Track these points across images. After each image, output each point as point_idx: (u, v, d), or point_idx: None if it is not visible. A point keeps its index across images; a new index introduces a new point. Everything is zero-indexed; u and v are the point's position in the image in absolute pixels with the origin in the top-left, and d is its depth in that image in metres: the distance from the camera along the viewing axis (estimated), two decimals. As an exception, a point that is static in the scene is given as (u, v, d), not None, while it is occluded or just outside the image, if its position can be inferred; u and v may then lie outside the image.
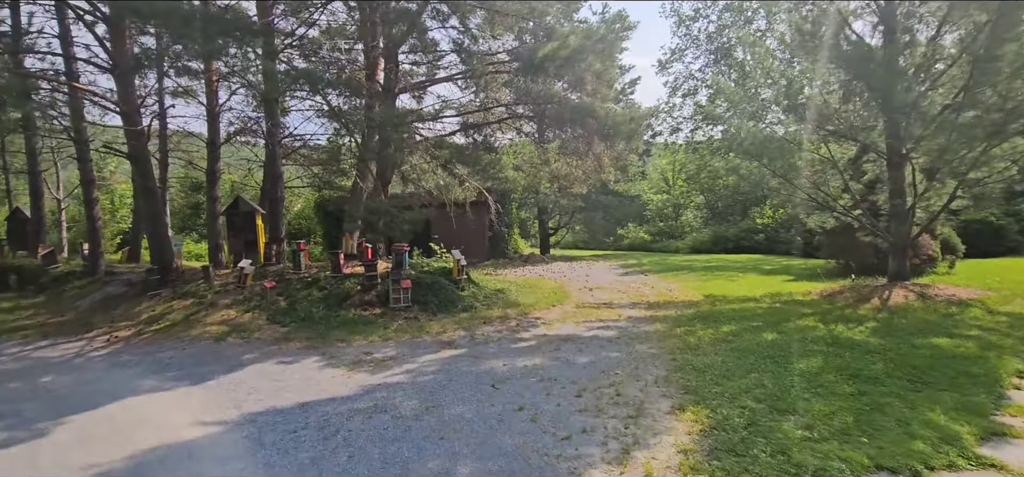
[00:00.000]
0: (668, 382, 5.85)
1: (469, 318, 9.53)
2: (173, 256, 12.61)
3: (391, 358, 7.37)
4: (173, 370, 7.20)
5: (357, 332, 8.74)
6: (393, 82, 11.64)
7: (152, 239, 12.25)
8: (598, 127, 9.79)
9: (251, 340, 8.60)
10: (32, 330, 10.51)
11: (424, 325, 9.08)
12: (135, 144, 11.14)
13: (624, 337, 8.05)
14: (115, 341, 9.12)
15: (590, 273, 16.42)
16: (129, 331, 9.64)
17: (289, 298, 10.44)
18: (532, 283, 13.74)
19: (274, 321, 9.42)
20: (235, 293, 11.06)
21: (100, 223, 14.79)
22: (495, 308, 10.29)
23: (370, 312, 9.65)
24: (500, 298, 10.99)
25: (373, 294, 10.14)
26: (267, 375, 6.79)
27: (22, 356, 8.54)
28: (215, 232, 15.38)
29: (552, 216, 28.01)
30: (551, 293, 12.19)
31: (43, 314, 12.17)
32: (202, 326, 9.35)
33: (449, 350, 7.66)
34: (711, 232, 30.06)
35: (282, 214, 13.96)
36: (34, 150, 16.58)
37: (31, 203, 17.14)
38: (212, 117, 15.30)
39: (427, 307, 9.79)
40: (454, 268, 11.16)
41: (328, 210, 24.73)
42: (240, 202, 13.97)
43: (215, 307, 10.40)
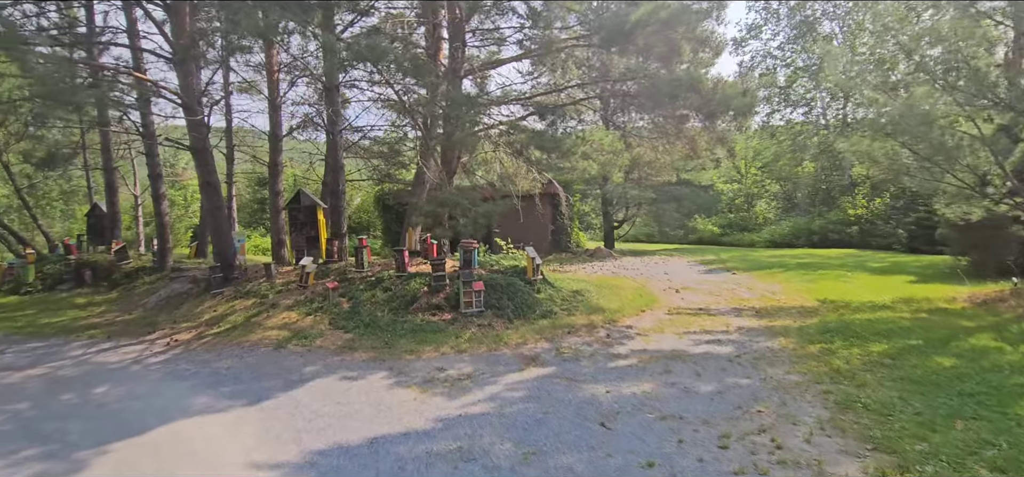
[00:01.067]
0: (839, 428, 4.42)
1: (550, 326, 8.35)
2: (235, 253, 12.18)
3: (467, 377, 6.30)
4: (229, 384, 6.45)
5: (426, 342, 7.76)
6: (459, 63, 10.59)
7: (214, 235, 11.85)
8: (701, 102, 8.33)
9: (313, 348, 7.79)
10: (99, 330, 10.26)
11: (500, 334, 7.98)
12: (196, 136, 10.67)
13: (745, 355, 6.62)
14: (174, 345, 8.59)
15: (668, 270, 14.85)
16: (189, 334, 9.12)
17: (352, 300, 9.64)
18: (609, 282, 12.37)
19: (337, 326, 8.61)
20: (297, 293, 10.40)
21: (168, 218, 14.70)
22: (577, 313, 9.05)
23: (439, 318, 8.66)
24: (580, 301, 9.73)
25: (442, 297, 9.15)
26: (330, 395, 5.88)
27: (83, 360, 8.13)
28: (277, 227, 14.99)
29: (618, 208, 26.36)
30: (635, 295, 10.81)
31: (112, 311, 12.05)
32: (262, 330, 8.68)
33: (535, 368, 6.51)
34: (791, 224, 27.44)
35: (344, 208, 13.31)
36: (109, 146, 16.84)
37: (106, 198, 17.48)
38: (274, 109, 14.88)
39: (502, 312, 8.69)
40: (529, 267, 10.01)
41: (388, 204, 24.24)
42: (302, 196, 13.42)
43: (276, 308, 9.76)
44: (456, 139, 8.56)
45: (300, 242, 13.33)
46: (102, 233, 17.85)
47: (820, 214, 27.81)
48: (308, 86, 18.14)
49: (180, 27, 10.33)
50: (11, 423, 5.56)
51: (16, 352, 8.95)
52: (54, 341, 9.70)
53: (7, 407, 6.07)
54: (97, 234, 18.09)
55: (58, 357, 8.42)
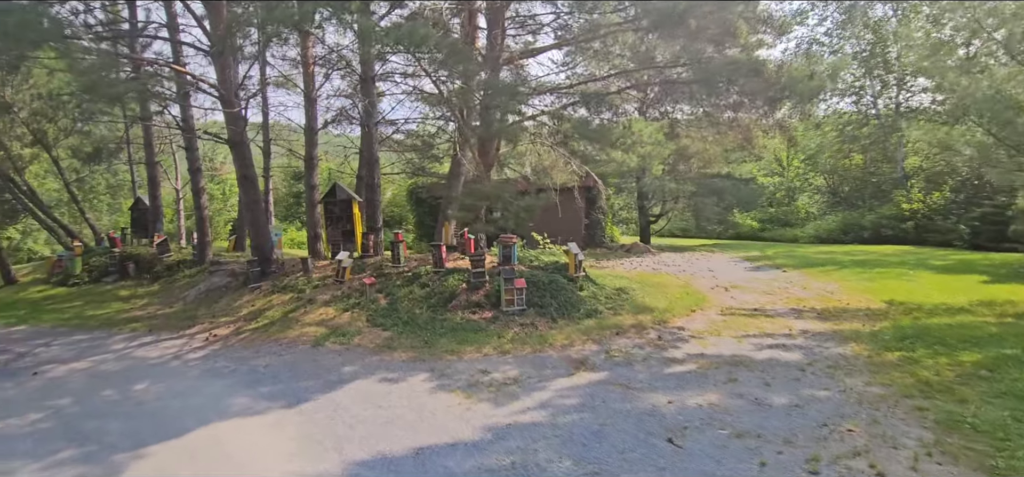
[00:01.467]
0: (949, 454, 3.86)
1: (596, 326, 7.90)
2: (272, 247, 12.13)
3: (513, 380, 5.93)
4: (268, 383, 6.24)
5: (467, 341, 7.42)
6: (498, 51, 10.18)
7: (251, 229, 11.82)
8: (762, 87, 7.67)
9: (351, 346, 7.56)
10: (141, 323, 10.32)
11: (545, 335, 7.58)
12: (234, 129, 10.60)
13: (817, 363, 6.04)
14: (213, 340, 8.50)
15: (713, 267, 14.17)
16: (228, 329, 9.04)
17: (389, 296, 9.39)
18: (652, 280, 11.82)
19: (375, 323, 8.37)
20: (333, 288, 10.23)
21: (207, 212, 14.83)
22: (624, 313, 8.57)
23: (479, 316, 8.32)
24: (626, 300, 9.24)
25: (481, 294, 8.81)
26: (371, 398, 5.59)
27: (125, 354, 8.11)
28: (313, 221, 14.93)
29: (654, 202, 25.55)
30: (683, 294, 10.25)
31: (154, 304, 12.17)
32: (300, 327, 8.50)
33: (585, 372, 6.09)
34: (841, 219, 26.11)
35: (379, 202, 13.12)
36: (151, 140, 17.14)
37: (149, 192, 17.82)
38: (309, 102, 14.79)
39: (545, 311, 8.28)
40: (571, 264, 9.57)
41: (421, 197, 24.10)
42: (337, 189, 13.30)
43: (313, 304, 9.60)
44: (497, 130, 8.17)
45: (336, 236, 13.22)
46: (145, 226, 18.21)
47: (870, 208, 26.39)
48: (343, 79, 18.08)
49: (217, 19, 10.27)
50: (53, 420, 5.46)
51: (62, 344, 9.04)
52: (98, 334, 9.78)
53: (51, 403, 6.01)
54: (140, 227, 18.48)
55: (101, 350, 8.44)
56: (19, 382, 6.93)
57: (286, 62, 17.79)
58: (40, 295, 14.59)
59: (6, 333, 10.30)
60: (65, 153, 20.88)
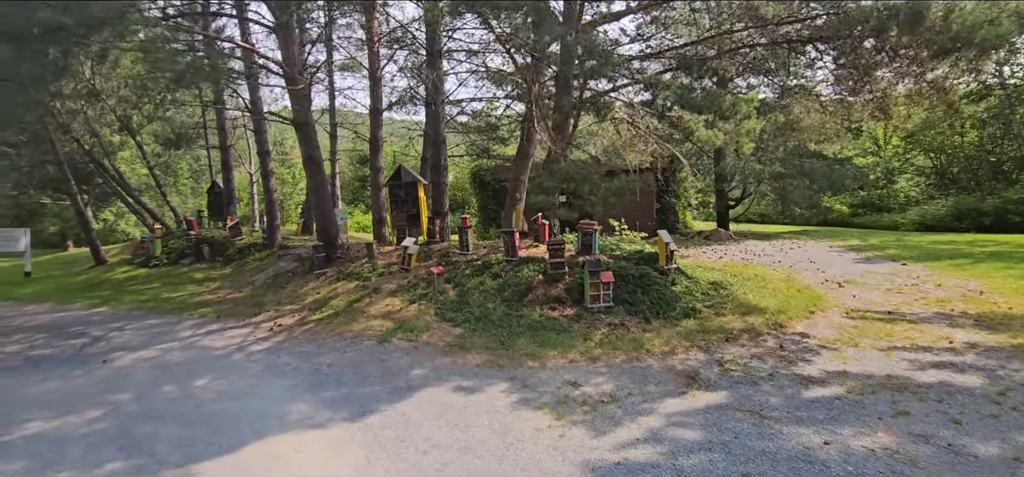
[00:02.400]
0: None
1: (699, 330, 6.74)
2: (338, 231, 11.73)
3: (610, 398, 4.94)
4: (330, 387, 5.61)
5: (549, 343, 6.50)
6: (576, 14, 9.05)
7: (317, 212, 11.45)
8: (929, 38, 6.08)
9: (419, 344, 6.83)
10: (210, 308, 10.17)
11: (639, 338, 6.52)
12: (298, 109, 10.16)
13: (1013, 392, 4.64)
14: (277, 330, 8.08)
15: (813, 258, 12.44)
16: (292, 319, 8.61)
17: (458, 286, 8.63)
18: (747, 272, 10.39)
19: (444, 318, 7.62)
20: (399, 276, 9.62)
21: (276, 195, 14.77)
22: (728, 313, 7.33)
23: (560, 313, 7.36)
24: (726, 297, 7.97)
25: (561, 288, 7.85)
26: (445, 413, 4.79)
27: (191, 343, 7.83)
28: (378, 205, 14.51)
29: (734, 185, 23.50)
30: (791, 290, 8.82)
31: (224, 288, 12.13)
32: (365, 319, 7.90)
33: (700, 391, 5.00)
34: (952, 203, 22.99)
35: (445, 185, 12.43)
36: (223, 124, 17.40)
37: (223, 176, 18.17)
38: (374, 82, 14.28)
39: (635, 309, 7.21)
40: (661, 254, 8.41)
41: (484, 180, 23.38)
42: (403, 172, 12.73)
43: (378, 293, 9.01)
44: (577, 102, 7.11)
45: (401, 220, 12.67)
46: (220, 209, 18.61)
47: (991, 192, 23.04)
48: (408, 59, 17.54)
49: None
50: (109, 420, 5.06)
51: (135, 329, 8.96)
52: (170, 318, 9.69)
53: (111, 398, 5.66)
54: (216, 210, 18.90)
55: (169, 337, 8.23)
56: (88, 370, 6.73)
57: (351, 44, 17.50)
58: (123, 276, 15.10)
59: (88, 315, 10.48)
60: (149, 139, 21.80)
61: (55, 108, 16.87)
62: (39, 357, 7.48)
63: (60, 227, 28.52)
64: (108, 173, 19.35)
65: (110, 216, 28.30)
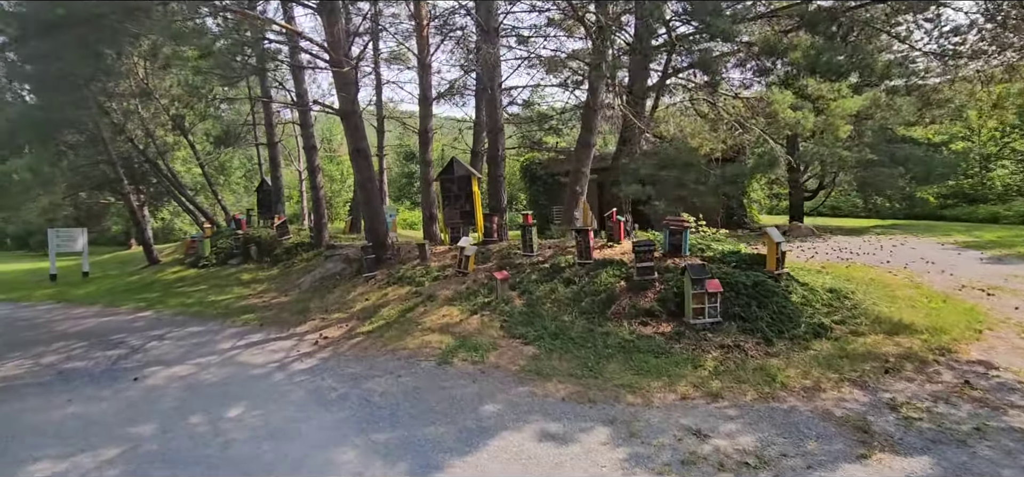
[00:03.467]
0: None
1: (838, 354, 5.29)
2: (387, 230, 10.82)
3: (757, 458, 3.63)
4: (384, 425, 4.54)
5: (649, 370, 5.22)
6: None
7: (365, 210, 10.58)
8: None
9: (486, 367, 5.71)
10: (254, 314, 9.44)
11: (765, 366, 5.15)
12: (344, 96, 9.26)
13: None
14: (323, 344, 7.15)
15: (926, 257, 10.49)
16: (339, 329, 7.68)
17: (525, 294, 7.46)
18: (860, 276, 8.67)
19: (512, 333, 6.47)
20: (456, 281, 8.55)
21: (323, 192, 14.09)
22: (866, 331, 5.81)
23: (654, 330, 6.06)
24: (854, 309, 6.42)
25: (651, 297, 6.53)
26: (532, 472, 3.63)
27: (230, 358, 7.00)
28: (429, 201, 13.54)
29: (809, 175, 21.25)
30: (928, 299, 7.13)
31: (270, 292, 11.45)
32: (420, 333, 6.85)
33: (884, 454, 3.61)
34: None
35: (503, 178, 11.31)
36: (271, 119, 16.96)
37: (271, 173, 17.78)
38: (423, 69, 13.29)
39: (752, 326, 5.82)
40: (770, 255, 6.95)
41: (536, 174, 22.15)
42: (455, 165, 11.68)
43: (434, 301, 7.97)
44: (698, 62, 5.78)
45: (453, 217, 11.63)
46: (269, 207, 18.23)
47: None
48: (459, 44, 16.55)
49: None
50: (121, 464, 4.18)
51: (175, 339, 8.28)
52: (212, 326, 9.00)
53: (133, 430, 4.82)
54: (265, 208, 18.54)
55: (208, 349, 7.46)
56: (117, 390, 5.97)
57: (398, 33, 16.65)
58: (173, 276, 14.81)
59: (131, 320, 9.96)
60: (201, 138, 21.80)
61: (111, 108, 16.86)
62: (72, 371, 6.84)
63: (124, 226, 29.34)
64: (161, 172, 19.35)
65: (167, 215, 28.82)
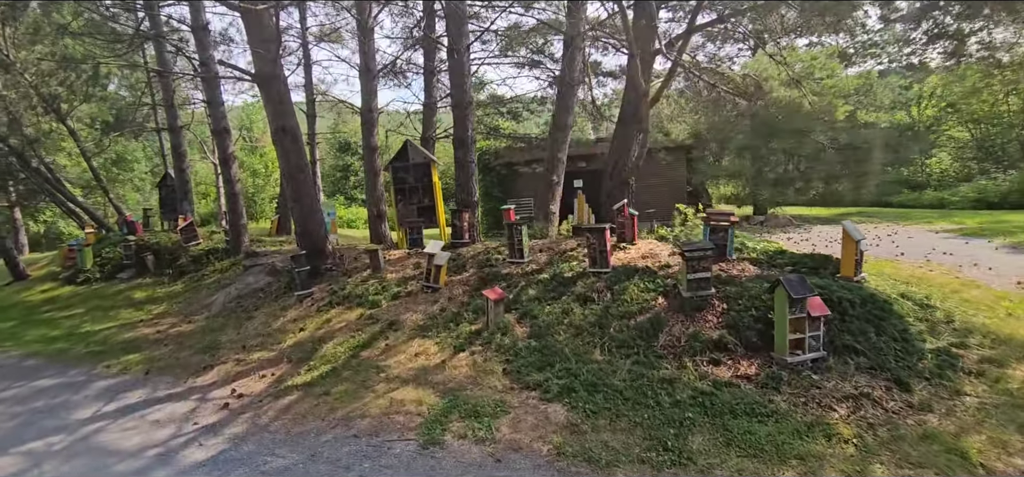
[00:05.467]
0: None
1: (1008, 401, 3.72)
2: (326, 233, 8.44)
3: None
4: None
5: (760, 448, 3.39)
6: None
7: (295, 207, 8.13)
8: None
9: (500, 447, 3.67)
10: (140, 353, 6.83)
11: (928, 430, 3.46)
12: (262, 56, 6.81)
13: None
14: (237, 406, 4.80)
15: (937, 248, 9.53)
16: (263, 380, 5.32)
17: (528, 318, 5.47)
18: (907, 275, 7.40)
19: (522, 380, 4.46)
20: (425, 300, 6.41)
21: (240, 186, 11.33)
22: (1004, 358, 4.32)
23: (733, 370, 4.25)
24: (955, 324, 4.95)
25: (714, 322, 4.72)
26: None
27: (86, 435, 4.53)
28: (375, 195, 11.18)
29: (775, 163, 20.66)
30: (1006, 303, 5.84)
31: (170, 315, 8.75)
32: (386, 386, 4.69)
33: None
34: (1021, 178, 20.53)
35: (473, 165, 9.20)
36: (171, 99, 13.76)
37: (174, 164, 14.59)
38: (365, 34, 10.88)
39: (870, 363, 4.14)
40: (847, 259, 5.36)
41: (488, 165, 20.08)
42: (410, 150, 9.43)
43: (398, 330, 5.80)
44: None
45: (409, 215, 9.41)
46: (175, 206, 15.05)
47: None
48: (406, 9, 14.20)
49: None
50: None
51: (14, 396, 5.62)
52: (75, 375, 6.34)
53: None
54: (169, 207, 15.31)
55: (56, 421, 4.91)
56: None
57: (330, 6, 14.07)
58: (41, 297, 11.53)
59: (-47, 370, 7.03)
60: (84, 125, 17.94)
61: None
62: None
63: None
64: (29, 165, 15.57)
65: (50, 217, 24.15)
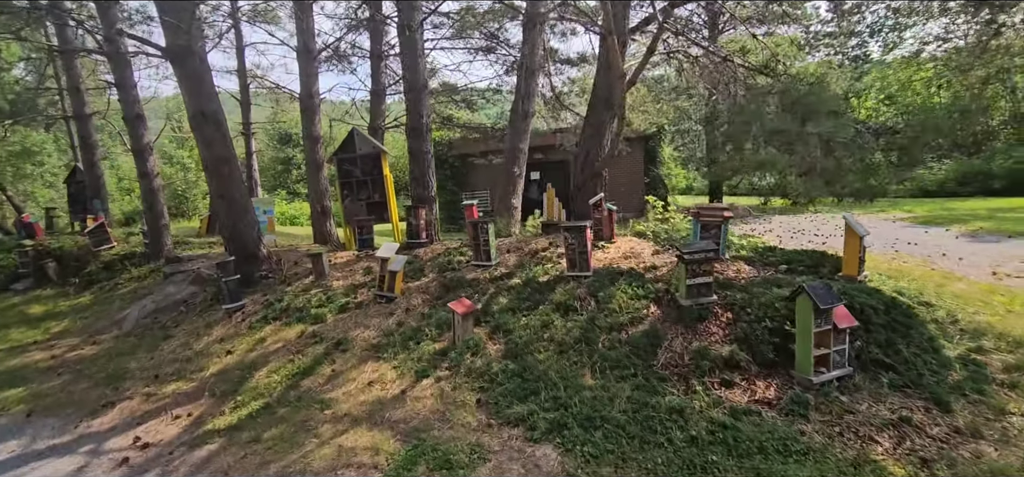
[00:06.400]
0: None
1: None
2: (259, 236, 7.31)
3: None
4: None
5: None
6: None
7: (222, 207, 6.96)
8: None
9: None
10: (25, 388, 5.56)
11: (993, 466, 2.94)
12: (172, 23, 5.64)
13: None
14: (138, 464, 3.75)
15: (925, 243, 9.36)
16: (176, 423, 4.28)
17: (500, 334, 4.69)
18: (889, 269, 7.09)
19: (502, 415, 3.68)
20: (378, 313, 5.51)
21: (159, 181, 9.88)
22: None
23: (749, 394, 3.63)
24: (960, 323, 4.57)
25: (721, 334, 4.10)
26: None
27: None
28: (319, 189, 10.06)
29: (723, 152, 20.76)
30: (998, 298, 5.58)
31: (71, 335, 7.39)
32: (332, 428, 3.78)
33: None
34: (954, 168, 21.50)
35: (430, 156, 8.28)
36: (77, 82, 11.94)
37: (82, 157, 12.78)
38: (304, 9, 9.70)
39: (903, 381, 3.63)
40: (850, 255, 4.88)
41: (442, 157, 19.02)
42: (357, 139, 8.38)
43: (347, 352, 4.89)
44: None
45: (358, 211, 8.39)
46: (85, 205, 13.25)
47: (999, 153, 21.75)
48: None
49: None
50: None
51: None
52: (-69, 422, 5.03)
53: None
54: (80, 206, 13.47)
55: None
56: None
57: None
58: (-89, 316, 9.71)
59: None
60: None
61: None
62: None
63: None
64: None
65: (-62, 218, 21.11)
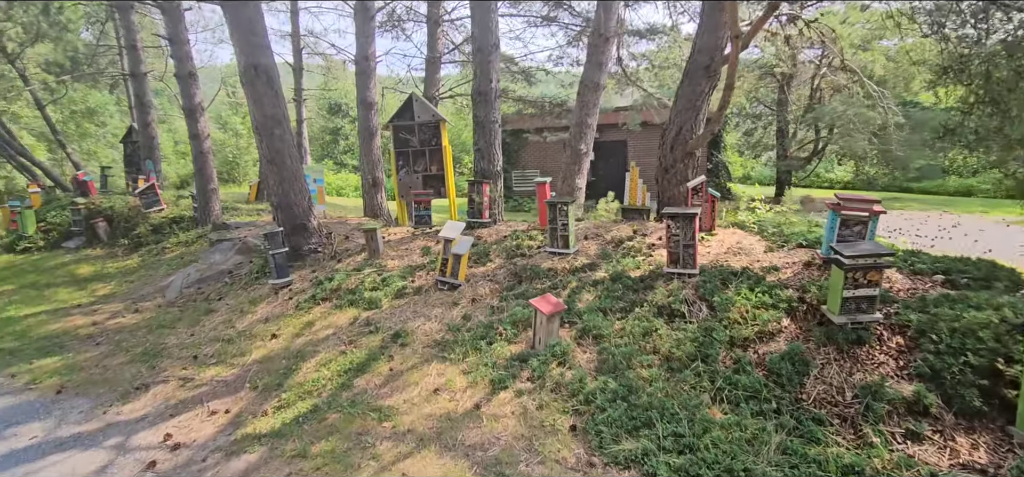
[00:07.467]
0: None
1: None
2: (310, 207, 6.70)
3: None
4: None
5: None
6: None
7: (271, 172, 6.38)
8: None
9: None
10: (61, 357, 5.16)
11: None
12: (225, -40, 4.99)
13: None
14: (165, 470, 3.19)
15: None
16: (211, 420, 3.69)
17: (589, 338, 3.88)
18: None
19: (601, 445, 2.87)
20: (441, 301, 4.79)
21: (209, 143, 9.49)
22: None
23: (945, 451, 2.70)
24: None
25: (894, 362, 3.16)
26: None
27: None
28: (371, 159, 9.44)
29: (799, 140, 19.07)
30: None
31: (115, 299, 7.05)
32: (393, 440, 3.08)
33: None
34: None
35: (498, 126, 7.49)
36: (134, 39, 11.72)
37: (137, 116, 12.65)
38: (361, -36, 8.98)
39: None
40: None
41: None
42: (416, 105, 7.66)
43: (406, 345, 4.19)
44: None
45: (414, 185, 7.70)
46: (139, 165, 13.16)
47: None
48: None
49: None
50: None
51: None
52: (-37, 388, 4.67)
53: None
54: (134, 165, 13.41)
55: None
56: None
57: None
58: (-30, 268, 9.73)
59: None
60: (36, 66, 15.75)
61: None
62: None
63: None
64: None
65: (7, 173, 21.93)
